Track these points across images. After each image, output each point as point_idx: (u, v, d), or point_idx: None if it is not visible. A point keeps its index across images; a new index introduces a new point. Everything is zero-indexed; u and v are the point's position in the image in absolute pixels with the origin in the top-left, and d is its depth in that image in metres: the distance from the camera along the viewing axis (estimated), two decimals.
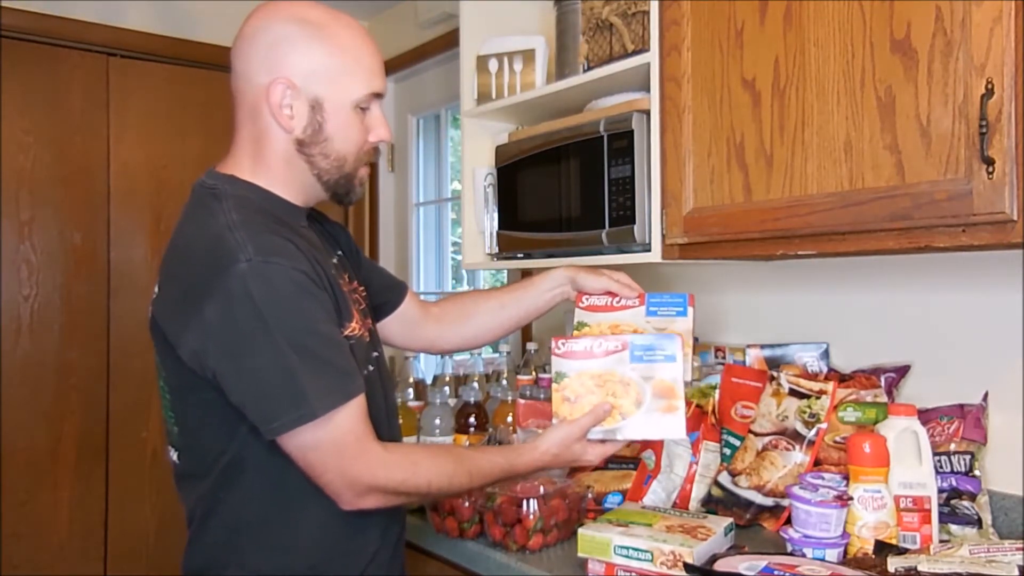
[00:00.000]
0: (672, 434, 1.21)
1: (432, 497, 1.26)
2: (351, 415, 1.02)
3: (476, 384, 1.99)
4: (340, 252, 1.26)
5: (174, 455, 1.15)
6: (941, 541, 1.21)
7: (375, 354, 1.21)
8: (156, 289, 1.11)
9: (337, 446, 1.01)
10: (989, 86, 0.99)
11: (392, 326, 1.41)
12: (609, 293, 1.32)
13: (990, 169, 1.00)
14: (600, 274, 1.34)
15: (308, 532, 1.09)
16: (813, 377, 1.51)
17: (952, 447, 1.32)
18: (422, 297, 1.59)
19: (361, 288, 1.27)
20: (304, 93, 1.08)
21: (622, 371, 1.21)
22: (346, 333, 1.09)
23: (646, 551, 1.16)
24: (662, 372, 1.20)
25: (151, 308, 1.11)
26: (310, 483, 1.04)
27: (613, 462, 1.55)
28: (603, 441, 1.22)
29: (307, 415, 0.98)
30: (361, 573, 1.13)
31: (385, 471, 1.04)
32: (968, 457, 1.30)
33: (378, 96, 1.14)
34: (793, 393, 1.49)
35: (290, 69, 1.07)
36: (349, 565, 1.12)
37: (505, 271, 2.52)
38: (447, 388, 2.10)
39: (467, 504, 1.41)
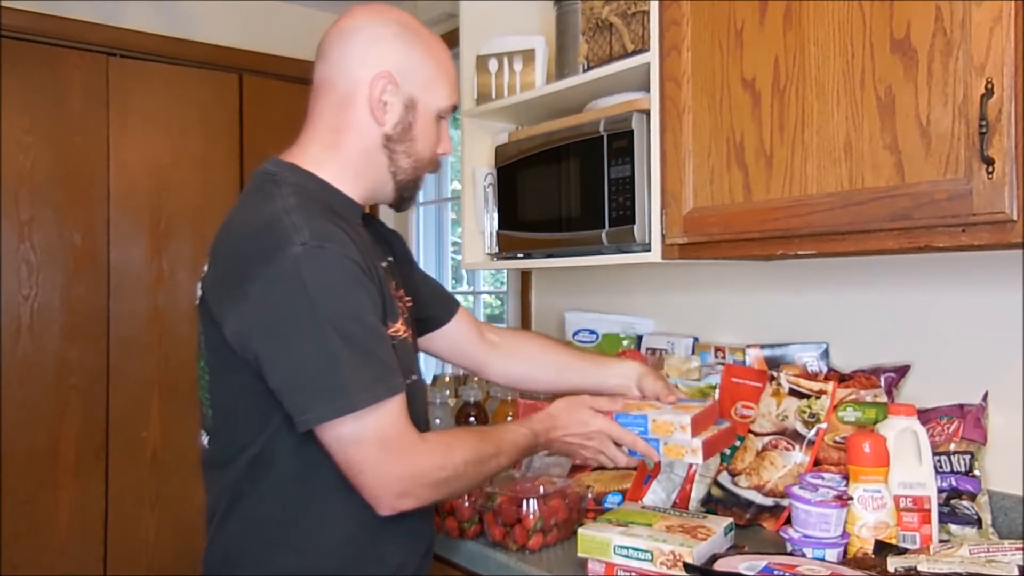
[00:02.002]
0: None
1: (467, 480, 1.11)
2: (393, 411, 1.00)
3: (476, 384, 1.99)
4: (391, 258, 1.26)
5: (205, 439, 1.14)
6: (941, 541, 1.21)
7: (416, 363, 1.22)
8: (205, 267, 1.11)
9: (379, 441, 0.99)
10: (989, 86, 0.99)
11: (438, 341, 1.40)
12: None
13: (990, 169, 1.00)
14: (659, 379, 1.36)
15: (332, 534, 1.07)
16: (813, 377, 1.51)
17: (952, 447, 1.32)
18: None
19: (408, 299, 1.25)
20: (402, 91, 1.12)
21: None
22: (390, 332, 1.08)
23: (646, 551, 1.16)
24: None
25: (199, 285, 1.11)
26: (338, 483, 1.02)
27: None
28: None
29: (345, 407, 0.96)
30: None
31: (427, 459, 1.03)
32: (968, 457, 1.30)
33: (454, 109, 1.19)
34: (793, 393, 1.49)
35: (393, 66, 1.11)
36: (373, 572, 1.10)
37: (505, 271, 2.52)
38: (447, 388, 2.10)
39: (467, 504, 1.41)
